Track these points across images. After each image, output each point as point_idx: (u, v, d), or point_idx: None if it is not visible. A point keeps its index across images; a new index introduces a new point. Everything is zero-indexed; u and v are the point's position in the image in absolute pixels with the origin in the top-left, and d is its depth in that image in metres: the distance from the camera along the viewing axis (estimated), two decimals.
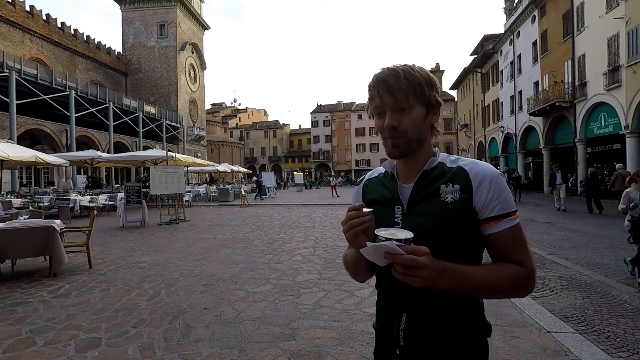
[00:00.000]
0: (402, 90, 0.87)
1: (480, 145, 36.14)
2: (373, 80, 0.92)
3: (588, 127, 18.30)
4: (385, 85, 0.88)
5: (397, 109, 0.88)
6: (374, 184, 1.04)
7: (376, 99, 0.91)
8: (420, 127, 0.91)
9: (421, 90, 0.89)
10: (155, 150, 21.37)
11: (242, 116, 75.30)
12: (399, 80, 0.87)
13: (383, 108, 0.90)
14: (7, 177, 18.08)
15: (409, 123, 0.89)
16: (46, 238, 4.86)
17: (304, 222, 10.66)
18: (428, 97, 0.90)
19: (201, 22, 44.80)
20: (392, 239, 0.73)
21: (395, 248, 0.72)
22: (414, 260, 0.73)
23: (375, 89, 0.90)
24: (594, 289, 4.16)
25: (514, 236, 0.86)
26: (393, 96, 0.88)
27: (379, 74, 0.91)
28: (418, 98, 0.89)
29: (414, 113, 0.89)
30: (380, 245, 0.74)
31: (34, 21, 26.33)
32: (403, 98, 0.88)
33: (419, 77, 0.89)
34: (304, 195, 27.13)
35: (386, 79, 0.89)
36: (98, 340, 2.94)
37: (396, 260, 0.73)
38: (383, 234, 0.76)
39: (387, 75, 0.89)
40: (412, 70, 0.90)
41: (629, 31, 14.54)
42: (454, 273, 0.79)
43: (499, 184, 0.87)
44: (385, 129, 0.90)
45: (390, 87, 0.88)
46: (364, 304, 3.67)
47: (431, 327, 0.89)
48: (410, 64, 0.92)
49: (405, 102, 0.88)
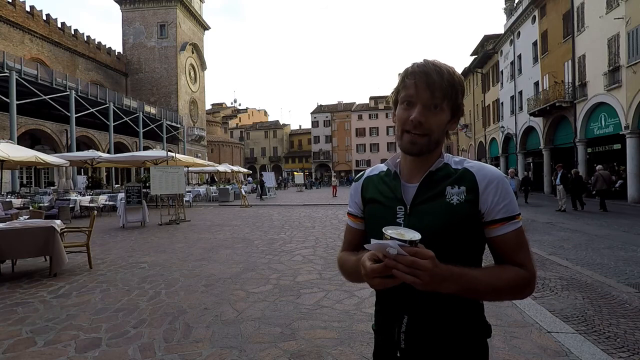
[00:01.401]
0: (441, 89, 0.86)
1: (480, 145, 36.13)
2: (413, 68, 0.89)
3: (588, 127, 18.30)
4: (426, 78, 0.86)
5: (429, 105, 0.87)
6: (374, 182, 1.02)
7: (410, 89, 0.88)
8: (442, 130, 0.90)
9: (456, 96, 0.88)
10: (155, 150, 21.38)
11: (242, 116, 75.29)
12: (442, 79, 0.86)
13: (414, 99, 0.87)
14: (7, 177, 18.08)
15: (434, 123, 0.88)
16: (46, 238, 4.86)
17: (304, 222, 10.66)
18: (458, 104, 0.90)
19: (201, 22, 44.80)
20: (397, 238, 0.73)
21: (397, 248, 0.71)
22: (414, 262, 0.72)
23: (414, 78, 0.87)
24: (594, 289, 4.16)
25: (517, 239, 0.87)
26: (431, 92, 0.86)
27: (421, 64, 0.89)
28: (450, 102, 0.88)
29: (442, 115, 0.88)
30: (382, 244, 0.73)
31: (34, 21, 26.31)
32: (439, 97, 0.86)
33: (457, 82, 0.88)
34: (304, 195, 27.14)
35: (429, 72, 0.86)
36: (98, 340, 2.94)
37: (397, 260, 0.73)
38: (389, 232, 0.75)
39: (431, 69, 0.87)
40: (454, 73, 0.88)
41: (629, 31, 14.54)
42: (459, 278, 0.78)
43: (504, 187, 0.87)
44: (410, 122, 0.87)
45: (432, 82, 0.86)
46: (364, 304, 3.67)
47: (432, 328, 0.89)
48: (450, 66, 0.90)
49: (439, 102, 0.87)
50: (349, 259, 1.01)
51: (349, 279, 1.03)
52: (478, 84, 35.59)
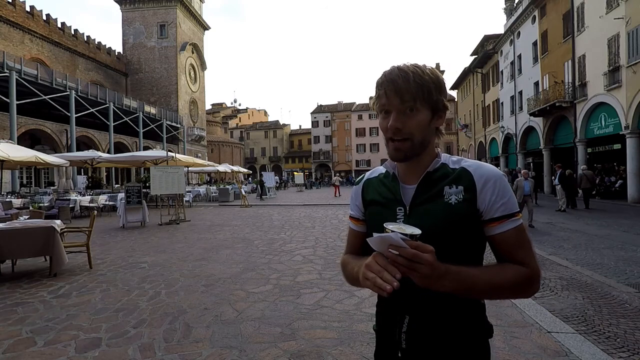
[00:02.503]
0: (410, 93, 0.86)
1: (480, 145, 36.13)
2: (381, 79, 0.90)
3: (588, 127, 18.30)
4: (392, 85, 0.87)
5: (402, 110, 0.87)
6: (374, 184, 1.02)
7: (382, 98, 0.89)
8: (424, 130, 0.89)
9: (429, 94, 0.88)
10: (155, 150, 21.37)
11: (242, 116, 75.29)
12: (408, 82, 0.86)
13: (388, 107, 0.88)
14: (7, 177, 18.08)
15: (413, 126, 0.87)
16: (46, 238, 4.86)
17: (304, 222, 10.66)
18: (435, 101, 0.89)
19: (201, 22, 44.80)
20: (399, 232, 0.73)
21: (399, 240, 0.72)
22: (416, 254, 0.72)
23: (383, 87, 0.89)
24: (594, 289, 4.16)
25: (518, 236, 0.86)
26: (400, 97, 0.86)
27: (387, 72, 0.89)
28: (425, 101, 0.88)
29: (419, 116, 0.88)
30: (385, 236, 0.74)
31: (34, 21, 26.32)
32: (410, 100, 0.86)
33: (427, 80, 0.87)
34: (304, 195, 27.14)
35: (395, 79, 0.87)
36: (98, 340, 2.94)
37: (399, 252, 0.73)
38: (391, 227, 0.76)
39: (396, 75, 0.87)
40: (422, 72, 0.88)
41: (629, 31, 14.53)
42: (456, 276, 0.78)
43: (502, 184, 0.87)
44: (389, 130, 0.88)
45: (398, 88, 0.86)
46: (364, 304, 3.67)
47: (433, 328, 0.89)
48: (421, 65, 0.90)
49: (411, 104, 0.87)
50: (351, 262, 1.01)
51: (351, 283, 1.02)
52: (478, 84, 35.58)
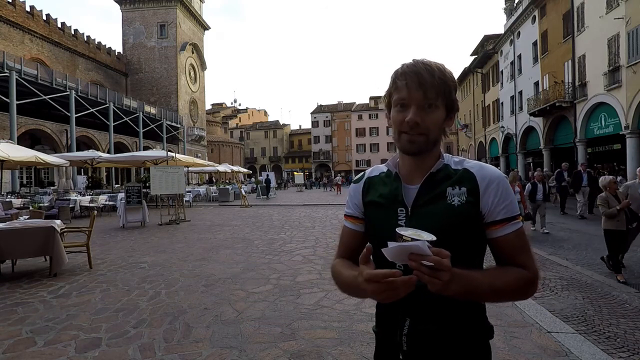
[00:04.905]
0: (434, 88, 0.85)
1: (480, 145, 36.11)
2: (403, 69, 0.87)
3: (588, 127, 18.29)
4: (417, 78, 0.84)
5: (423, 105, 0.85)
6: (375, 183, 1.00)
7: (402, 90, 0.86)
8: (439, 129, 0.89)
9: (449, 93, 0.87)
10: (155, 150, 21.38)
11: (242, 116, 75.26)
12: (433, 77, 0.85)
13: (408, 101, 0.86)
14: (7, 177, 18.07)
15: (431, 122, 0.86)
16: (46, 238, 4.86)
17: (304, 222, 10.66)
18: (452, 100, 0.89)
19: (201, 22, 44.78)
20: (419, 239, 0.70)
21: (424, 249, 0.69)
22: (440, 262, 0.69)
23: (405, 79, 0.86)
24: (594, 289, 4.16)
25: (518, 239, 0.86)
26: (424, 92, 0.84)
27: (410, 64, 0.87)
28: (444, 99, 0.87)
29: (437, 113, 0.87)
30: (406, 245, 0.70)
31: (34, 21, 26.30)
32: (433, 96, 0.85)
33: (449, 79, 0.87)
34: (304, 195, 27.15)
35: (420, 72, 0.85)
36: (98, 340, 2.94)
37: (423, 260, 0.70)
38: (408, 233, 0.72)
39: (422, 68, 0.85)
40: (444, 69, 0.87)
41: (629, 31, 14.53)
42: (461, 279, 0.76)
43: (505, 187, 0.87)
44: (406, 124, 0.86)
45: (423, 81, 0.84)
46: (364, 304, 3.66)
47: (434, 330, 0.88)
48: (439, 63, 0.89)
49: (433, 100, 0.86)
50: (344, 271, 0.94)
51: (344, 292, 0.96)
52: (478, 84, 35.56)
